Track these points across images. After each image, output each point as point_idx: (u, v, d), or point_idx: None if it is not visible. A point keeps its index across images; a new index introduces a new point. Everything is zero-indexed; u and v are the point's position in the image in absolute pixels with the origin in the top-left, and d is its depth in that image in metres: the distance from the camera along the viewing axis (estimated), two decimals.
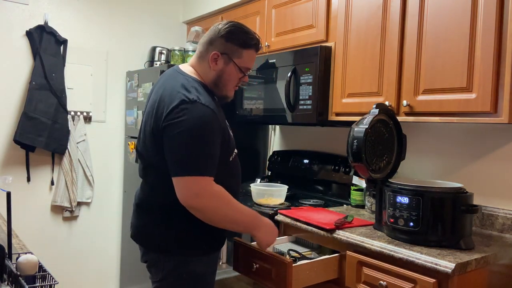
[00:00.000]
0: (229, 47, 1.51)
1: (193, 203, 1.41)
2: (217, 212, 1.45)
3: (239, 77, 1.57)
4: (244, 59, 1.54)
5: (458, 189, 1.60)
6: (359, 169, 1.73)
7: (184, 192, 1.40)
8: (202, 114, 1.40)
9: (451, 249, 1.52)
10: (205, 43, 1.55)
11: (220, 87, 1.55)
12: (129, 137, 3.23)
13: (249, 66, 1.58)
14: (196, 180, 1.39)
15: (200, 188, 1.40)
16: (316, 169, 2.62)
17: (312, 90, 2.21)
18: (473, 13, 1.63)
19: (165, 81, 1.55)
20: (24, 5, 2.90)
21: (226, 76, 1.54)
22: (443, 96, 1.73)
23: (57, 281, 1.22)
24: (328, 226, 1.78)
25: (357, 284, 1.66)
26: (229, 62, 1.52)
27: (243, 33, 1.53)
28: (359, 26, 2.06)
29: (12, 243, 1.37)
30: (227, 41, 1.51)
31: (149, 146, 1.51)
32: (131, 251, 3.19)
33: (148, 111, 1.55)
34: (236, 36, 1.51)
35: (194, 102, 1.40)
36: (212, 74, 1.54)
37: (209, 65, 1.53)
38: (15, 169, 2.92)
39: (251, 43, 1.54)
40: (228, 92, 1.58)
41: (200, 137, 1.40)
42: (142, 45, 3.40)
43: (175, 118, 1.39)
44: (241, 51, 1.53)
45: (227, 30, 1.51)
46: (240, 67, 1.55)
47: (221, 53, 1.51)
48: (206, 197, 1.41)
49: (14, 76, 2.88)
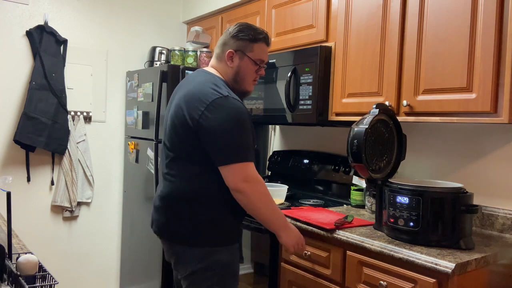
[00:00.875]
0: (240, 44, 1.67)
1: (242, 187, 1.53)
2: (260, 199, 1.57)
3: (255, 70, 1.71)
4: (256, 52, 1.69)
5: (458, 189, 1.60)
6: (359, 169, 1.73)
7: (233, 178, 1.53)
8: (237, 106, 1.56)
9: (451, 249, 1.52)
10: (220, 45, 1.72)
11: (239, 82, 1.70)
12: (129, 137, 3.23)
13: (262, 58, 1.71)
14: (243, 166, 1.53)
15: (248, 173, 1.54)
16: (316, 169, 2.62)
17: (312, 90, 2.21)
18: (473, 13, 1.63)
19: (193, 79, 1.69)
20: (24, 5, 2.90)
21: (243, 71, 1.68)
22: (443, 96, 1.73)
23: (57, 281, 1.22)
24: (328, 226, 1.78)
25: (357, 284, 1.67)
26: (243, 57, 1.68)
27: (251, 29, 1.69)
28: (359, 26, 2.07)
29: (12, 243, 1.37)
30: (238, 39, 1.67)
31: (178, 139, 1.61)
32: (131, 251, 3.19)
33: (177, 104, 1.63)
34: (245, 33, 1.68)
35: (227, 97, 1.55)
36: (230, 71, 1.69)
37: (227, 64, 1.69)
38: (15, 169, 2.92)
39: (260, 37, 1.69)
40: (247, 86, 1.72)
41: (239, 126, 1.55)
42: (142, 45, 3.40)
43: (213, 112, 1.53)
44: (252, 45, 1.68)
45: (236, 30, 1.68)
46: (254, 59, 1.69)
47: (235, 51, 1.67)
48: (253, 182, 1.55)
49: (14, 76, 2.88)
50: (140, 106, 3.04)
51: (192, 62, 3.11)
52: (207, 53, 3.13)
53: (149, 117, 2.92)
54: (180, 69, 2.73)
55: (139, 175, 3.05)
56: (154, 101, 2.78)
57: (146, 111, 2.95)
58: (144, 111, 2.97)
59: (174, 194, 1.64)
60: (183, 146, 1.61)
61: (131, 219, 3.20)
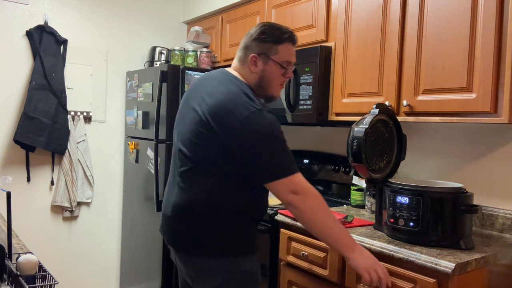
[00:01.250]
0: (264, 46, 1.54)
1: (291, 199, 1.44)
2: (313, 212, 1.46)
3: (281, 73, 1.58)
4: (281, 53, 1.55)
5: (458, 189, 1.60)
6: (359, 169, 1.73)
7: (282, 193, 1.44)
8: (272, 120, 1.46)
9: (451, 249, 1.52)
10: (242, 48, 1.59)
11: (264, 88, 1.57)
12: (129, 137, 3.23)
13: (288, 59, 1.58)
14: (289, 179, 1.43)
15: (296, 184, 1.44)
16: (316, 169, 2.62)
17: (312, 90, 2.21)
18: (473, 13, 1.63)
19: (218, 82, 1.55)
20: (24, 5, 2.90)
21: (268, 75, 1.56)
22: (443, 96, 1.73)
23: (57, 281, 1.22)
24: None
25: (357, 285, 1.66)
26: (268, 61, 1.55)
27: (275, 29, 1.56)
28: (359, 26, 2.07)
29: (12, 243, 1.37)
30: (262, 42, 1.54)
31: (202, 150, 1.49)
32: (131, 251, 3.19)
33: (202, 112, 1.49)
34: (269, 34, 1.54)
35: (261, 111, 1.44)
36: (254, 76, 1.56)
37: (250, 69, 1.56)
38: (15, 169, 2.92)
39: (284, 37, 1.56)
40: (274, 91, 1.60)
41: (278, 140, 1.45)
42: (142, 45, 3.40)
43: (251, 129, 1.42)
44: (276, 47, 1.54)
45: (259, 32, 1.55)
46: (280, 62, 1.55)
47: (259, 54, 1.54)
48: (302, 194, 1.44)
49: (14, 76, 2.88)
50: (140, 106, 3.04)
51: (192, 62, 3.11)
52: (207, 53, 3.13)
53: (149, 117, 2.92)
54: (180, 69, 2.73)
55: (139, 175, 3.05)
56: (154, 101, 2.78)
57: (146, 111, 2.95)
58: (144, 111, 2.97)
59: (192, 205, 1.52)
60: (207, 158, 1.48)
61: (131, 219, 3.20)
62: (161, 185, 2.72)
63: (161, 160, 2.73)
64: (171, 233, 1.59)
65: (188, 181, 1.53)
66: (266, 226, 2.09)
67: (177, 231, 1.56)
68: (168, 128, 2.71)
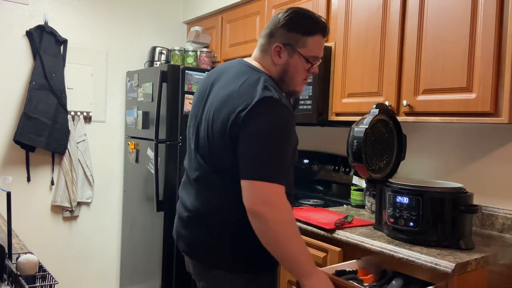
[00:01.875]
0: (291, 36, 1.36)
1: (260, 210, 1.23)
2: (283, 229, 1.25)
3: (307, 69, 1.40)
4: (310, 47, 1.37)
5: (458, 189, 1.60)
6: (359, 169, 1.73)
7: (252, 197, 1.24)
8: (283, 114, 1.27)
9: (451, 249, 1.52)
10: (266, 35, 1.40)
11: (287, 82, 1.40)
12: (129, 137, 3.23)
13: (317, 54, 1.40)
14: (269, 187, 1.23)
15: (272, 196, 1.23)
16: (316, 169, 2.62)
17: (312, 90, 2.21)
18: (473, 13, 1.63)
19: (235, 74, 1.38)
20: (24, 5, 2.90)
21: (292, 70, 1.38)
22: (443, 96, 1.73)
23: (57, 281, 1.22)
24: (328, 226, 1.78)
25: None
26: (293, 54, 1.37)
27: (306, 18, 1.37)
28: (359, 26, 2.06)
29: (12, 243, 1.37)
30: (289, 31, 1.35)
31: (218, 149, 1.33)
32: (131, 251, 3.19)
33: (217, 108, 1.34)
34: (298, 23, 1.36)
35: (276, 101, 1.26)
36: (276, 69, 1.39)
37: (272, 60, 1.38)
38: (15, 169, 2.92)
39: (316, 28, 1.37)
40: (297, 86, 1.42)
41: (279, 139, 1.26)
42: (142, 45, 3.40)
43: (255, 115, 1.24)
44: (305, 39, 1.36)
45: (287, 19, 1.36)
46: (306, 57, 1.38)
47: (284, 45, 1.36)
48: (276, 206, 1.24)
49: (14, 76, 2.88)
50: (140, 106, 3.04)
51: (192, 62, 3.11)
52: (207, 53, 3.13)
53: (149, 117, 2.92)
54: (180, 69, 2.73)
55: (139, 175, 3.05)
56: (154, 101, 2.78)
57: (146, 111, 2.95)
58: (144, 111, 2.97)
59: (209, 211, 1.38)
60: (225, 158, 1.32)
61: (131, 219, 3.20)
62: (161, 185, 2.72)
63: (161, 160, 2.73)
64: (184, 238, 1.45)
65: (203, 183, 1.40)
66: None
67: (192, 237, 1.42)
68: (168, 128, 2.71)
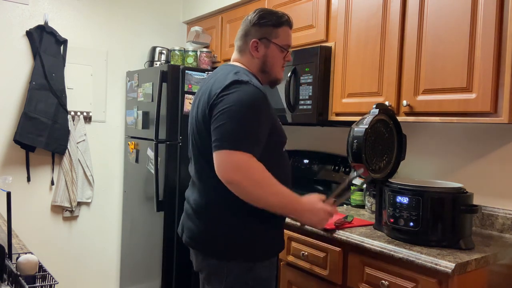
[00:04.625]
0: (264, 31, 1.56)
1: (231, 177, 1.35)
2: (257, 187, 1.37)
3: (283, 57, 1.60)
4: (282, 37, 1.58)
5: (458, 189, 1.60)
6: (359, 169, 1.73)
7: (223, 166, 1.36)
8: (253, 93, 1.42)
9: (451, 249, 1.52)
10: (241, 36, 1.60)
11: (268, 72, 1.59)
12: (129, 137, 3.23)
13: (288, 42, 1.61)
14: (236, 154, 1.35)
15: (239, 162, 1.35)
16: (316, 169, 2.62)
17: (312, 90, 2.21)
18: (473, 13, 1.63)
19: (215, 73, 1.58)
20: (24, 5, 2.90)
21: (270, 59, 1.58)
22: (443, 96, 1.73)
23: (57, 281, 1.22)
24: (328, 226, 1.78)
25: (359, 284, 1.67)
26: (269, 45, 1.57)
27: (273, 13, 1.59)
28: (359, 26, 2.07)
29: (12, 243, 1.37)
30: (261, 27, 1.56)
31: (206, 140, 1.47)
32: (131, 251, 3.19)
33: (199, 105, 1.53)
34: (268, 19, 1.57)
35: (246, 83, 1.43)
36: (256, 62, 1.58)
37: (251, 55, 1.58)
38: (15, 169, 2.92)
39: (283, 20, 1.58)
40: (277, 73, 1.62)
41: (247, 114, 1.39)
42: (142, 45, 3.40)
43: (225, 94, 1.40)
44: (276, 31, 1.57)
45: (257, 17, 1.57)
46: (281, 45, 1.58)
47: (260, 39, 1.56)
48: (244, 170, 1.35)
49: (14, 76, 2.88)
50: (140, 106, 3.04)
51: (192, 62, 3.11)
52: (207, 53, 3.13)
53: (149, 117, 2.92)
54: (180, 69, 2.73)
55: (139, 175, 3.05)
56: (154, 101, 2.78)
57: (146, 111, 2.95)
58: (144, 111, 2.97)
59: (207, 204, 1.51)
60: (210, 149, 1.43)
61: (131, 219, 3.20)
62: (161, 185, 2.72)
63: (161, 160, 2.73)
64: (188, 230, 1.57)
65: (201, 179, 1.54)
66: None
67: (193, 229, 1.54)
68: (168, 128, 2.71)
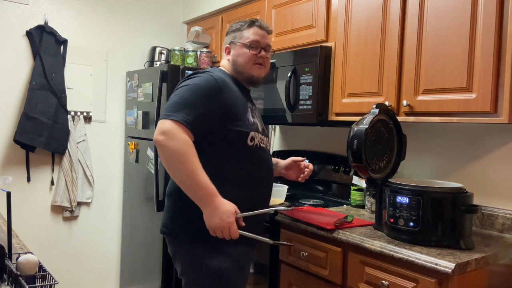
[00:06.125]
0: (231, 36, 1.74)
1: (156, 138, 1.44)
2: (173, 156, 1.43)
3: (252, 53, 1.68)
4: (246, 36, 1.70)
5: (458, 189, 1.60)
6: (359, 169, 1.73)
7: (156, 131, 1.45)
8: (205, 79, 1.55)
9: (451, 249, 1.52)
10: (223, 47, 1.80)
11: (241, 71, 1.70)
12: (129, 137, 3.23)
13: (254, 39, 1.69)
14: (167, 122, 1.44)
15: (166, 127, 1.43)
16: (316, 169, 2.62)
17: (312, 90, 2.21)
18: (473, 13, 1.63)
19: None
20: (24, 5, 2.90)
21: (239, 58, 1.69)
22: (443, 96, 1.73)
23: (57, 281, 1.22)
24: (328, 226, 1.78)
25: (359, 284, 1.67)
26: (235, 46, 1.71)
27: (239, 22, 1.76)
28: (359, 26, 2.06)
29: (12, 243, 1.37)
30: (229, 34, 1.76)
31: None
32: (131, 251, 3.19)
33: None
34: (234, 26, 1.75)
35: (204, 72, 1.59)
36: (230, 64, 1.72)
37: (227, 60, 1.74)
38: (15, 169, 2.92)
39: (246, 24, 1.72)
40: (250, 70, 1.69)
41: (191, 92, 1.51)
42: (142, 45, 3.40)
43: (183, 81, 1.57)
44: (241, 33, 1.71)
45: (228, 29, 1.78)
46: (246, 43, 1.69)
47: (229, 44, 1.74)
48: (168, 135, 1.42)
49: (14, 76, 2.88)
50: (140, 106, 3.04)
51: (192, 62, 3.11)
52: (207, 53, 3.12)
53: (149, 117, 2.92)
54: (180, 69, 2.73)
55: (139, 175, 3.05)
56: (154, 101, 2.78)
57: (146, 111, 2.95)
58: (144, 111, 2.97)
59: (171, 190, 1.63)
60: None
61: (131, 219, 3.20)
62: (161, 185, 2.72)
63: None
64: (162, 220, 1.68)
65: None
66: (266, 226, 2.09)
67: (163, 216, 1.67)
68: None
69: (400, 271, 1.52)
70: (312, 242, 1.86)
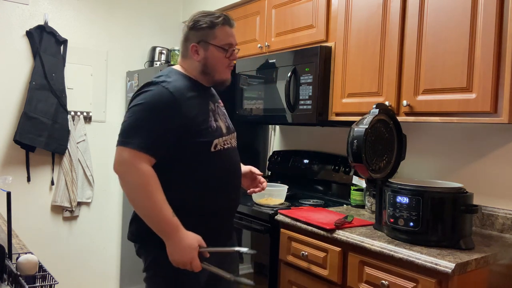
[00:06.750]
0: (201, 34, 1.56)
1: (116, 170, 1.41)
2: (132, 190, 1.40)
3: (225, 56, 1.58)
4: (220, 37, 1.56)
5: (458, 189, 1.60)
6: (359, 169, 1.73)
7: (115, 160, 1.41)
8: (158, 94, 1.45)
9: (451, 249, 1.52)
10: (182, 41, 1.62)
11: (210, 73, 1.59)
12: None
13: (228, 41, 1.58)
14: (124, 150, 1.40)
15: (126, 158, 1.39)
16: (316, 169, 2.62)
17: (312, 90, 2.21)
18: (473, 13, 1.63)
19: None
20: (24, 5, 2.90)
21: (211, 61, 1.57)
22: (443, 96, 1.73)
23: (57, 281, 1.22)
24: (328, 226, 1.78)
25: (359, 284, 1.67)
26: (208, 47, 1.56)
27: (207, 15, 1.58)
28: (359, 26, 2.06)
29: (12, 243, 1.37)
30: (197, 30, 1.56)
31: None
32: (131, 251, 3.18)
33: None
34: (202, 21, 1.56)
35: (156, 84, 1.47)
36: (197, 65, 1.58)
37: (193, 59, 1.58)
38: (15, 169, 2.92)
39: (218, 21, 1.57)
40: (222, 74, 1.60)
41: (145, 113, 1.43)
42: (142, 45, 3.40)
43: (136, 96, 1.48)
44: (213, 32, 1.56)
45: (193, 21, 1.58)
46: (220, 46, 1.57)
47: (198, 42, 1.56)
48: (126, 167, 1.39)
49: (14, 76, 2.88)
50: None
51: None
52: None
53: None
54: None
55: None
56: None
57: None
58: None
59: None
60: None
61: None
62: None
63: None
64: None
65: None
66: (266, 226, 2.09)
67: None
68: None
69: (400, 271, 1.52)
70: (312, 242, 1.86)
